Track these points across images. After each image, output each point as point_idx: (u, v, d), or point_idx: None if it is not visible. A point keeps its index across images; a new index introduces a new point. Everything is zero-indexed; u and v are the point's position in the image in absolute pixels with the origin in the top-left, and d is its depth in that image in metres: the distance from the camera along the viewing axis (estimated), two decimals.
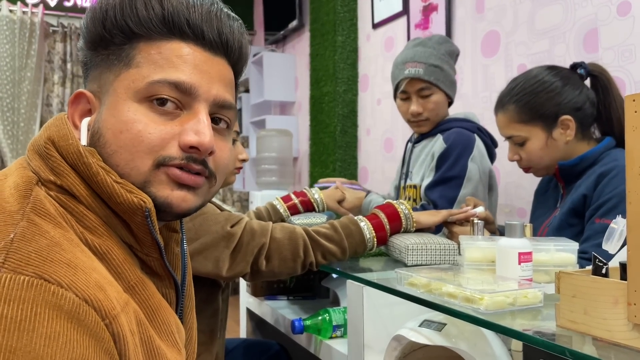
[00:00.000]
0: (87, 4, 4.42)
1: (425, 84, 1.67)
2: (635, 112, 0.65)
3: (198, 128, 0.62)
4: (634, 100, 0.65)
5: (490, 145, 1.74)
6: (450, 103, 1.78)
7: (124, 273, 0.58)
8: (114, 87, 0.62)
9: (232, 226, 1.19)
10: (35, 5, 4.27)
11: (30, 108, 4.26)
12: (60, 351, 0.46)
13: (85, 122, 0.64)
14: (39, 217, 0.53)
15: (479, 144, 1.67)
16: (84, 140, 0.62)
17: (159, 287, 0.65)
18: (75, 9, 4.40)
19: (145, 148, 0.60)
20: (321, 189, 1.75)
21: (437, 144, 1.70)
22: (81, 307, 0.48)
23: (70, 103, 0.65)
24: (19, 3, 4.20)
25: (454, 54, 1.77)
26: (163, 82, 0.61)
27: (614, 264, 0.76)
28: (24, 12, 4.21)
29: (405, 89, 1.70)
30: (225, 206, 1.32)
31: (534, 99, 1.34)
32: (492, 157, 1.75)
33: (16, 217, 0.53)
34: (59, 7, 4.37)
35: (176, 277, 0.68)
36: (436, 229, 1.45)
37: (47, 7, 4.31)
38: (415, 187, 1.76)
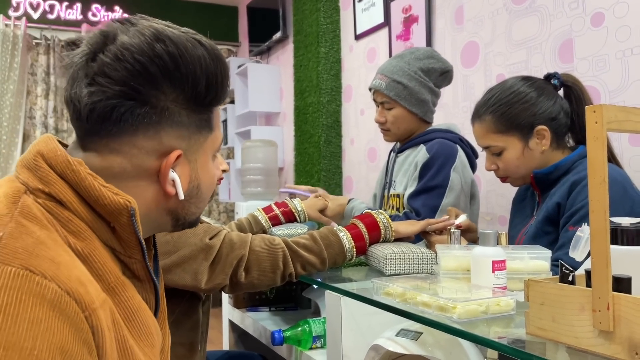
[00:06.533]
0: (70, 17, 4.41)
1: (386, 97, 1.75)
2: (596, 122, 0.67)
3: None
4: (594, 112, 0.67)
5: (472, 155, 1.76)
6: (424, 119, 1.78)
7: (105, 275, 0.62)
8: (203, 148, 0.72)
9: (210, 238, 1.19)
10: (18, 18, 4.25)
11: (13, 121, 4.23)
12: (42, 336, 0.50)
13: (175, 176, 0.69)
14: (26, 219, 0.57)
15: (461, 155, 1.69)
16: (181, 195, 0.69)
17: (140, 291, 0.68)
18: (59, 21, 4.39)
19: None
20: (291, 195, 1.78)
21: (420, 153, 1.72)
22: (63, 298, 0.52)
23: (171, 162, 0.68)
24: (1, 16, 4.18)
25: (433, 72, 1.76)
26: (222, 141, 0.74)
27: (582, 271, 0.77)
28: (6, 25, 4.19)
29: (374, 98, 1.81)
30: (204, 218, 1.32)
31: (510, 109, 1.35)
32: (473, 167, 1.77)
33: (5, 219, 0.57)
34: (42, 19, 4.35)
35: (156, 280, 0.71)
36: (417, 239, 1.46)
37: (30, 19, 4.29)
38: (398, 196, 1.78)
